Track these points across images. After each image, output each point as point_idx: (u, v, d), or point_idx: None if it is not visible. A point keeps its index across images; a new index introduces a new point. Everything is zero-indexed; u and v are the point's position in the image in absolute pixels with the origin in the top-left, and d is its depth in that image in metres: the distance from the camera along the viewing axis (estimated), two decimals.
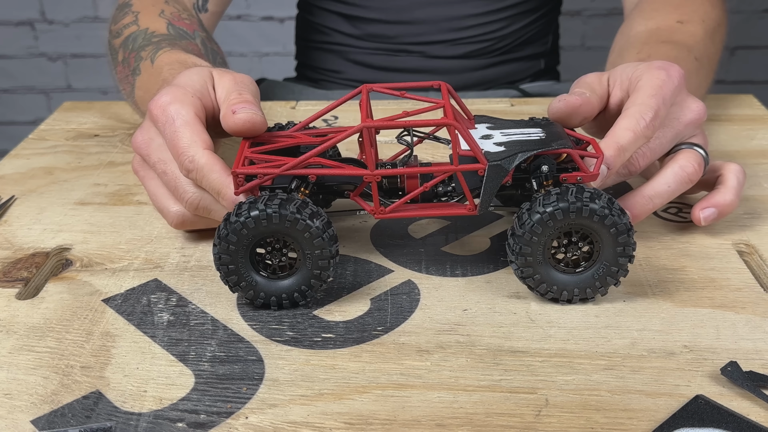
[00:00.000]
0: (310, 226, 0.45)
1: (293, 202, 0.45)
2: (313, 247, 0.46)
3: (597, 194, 0.45)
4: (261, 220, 0.45)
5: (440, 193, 0.50)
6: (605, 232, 0.46)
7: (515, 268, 0.47)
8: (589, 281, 0.47)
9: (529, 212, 0.46)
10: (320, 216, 0.46)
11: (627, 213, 0.46)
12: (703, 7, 0.74)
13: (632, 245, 0.46)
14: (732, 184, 0.54)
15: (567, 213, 0.45)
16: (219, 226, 0.46)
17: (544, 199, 0.46)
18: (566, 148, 0.48)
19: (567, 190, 0.46)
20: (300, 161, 0.47)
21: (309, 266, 0.47)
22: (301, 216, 0.45)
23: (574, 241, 0.47)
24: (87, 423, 0.40)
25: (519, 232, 0.46)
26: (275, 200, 0.45)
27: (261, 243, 0.47)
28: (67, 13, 1.88)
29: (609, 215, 0.45)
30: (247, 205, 0.45)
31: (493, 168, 0.47)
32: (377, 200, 0.48)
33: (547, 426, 0.39)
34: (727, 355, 0.44)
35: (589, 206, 0.45)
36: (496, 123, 0.53)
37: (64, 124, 0.79)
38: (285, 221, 0.45)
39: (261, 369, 0.43)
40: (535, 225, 0.45)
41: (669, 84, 0.52)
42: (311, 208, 0.46)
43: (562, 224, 0.46)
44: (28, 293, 0.51)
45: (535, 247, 0.46)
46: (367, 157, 0.47)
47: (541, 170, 0.49)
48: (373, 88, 0.51)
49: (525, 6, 0.96)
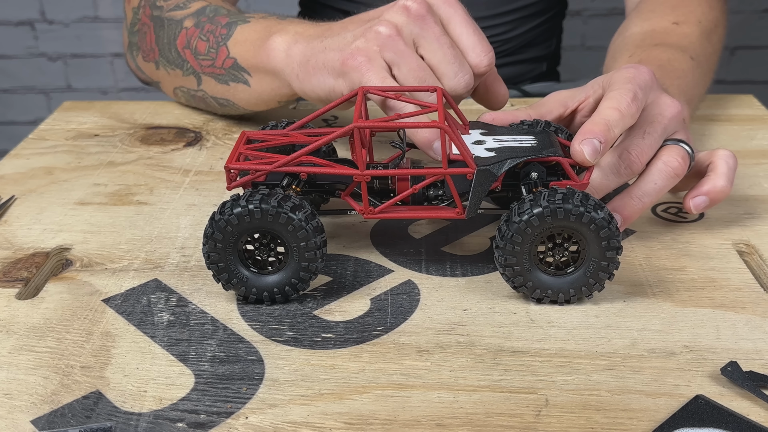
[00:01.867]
0: (292, 218, 0.46)
1: (274, 196, 0.46)
2: (297, 240, 0.46)
3: (570, 194, 0.45)
4: (244, 216, 0.45)
5: (431, 196, 0.50)
6: (586, 230, 0.46)
7: (506, 279, 0.48)
8: (582, 280, 0.47)
9: (507, 223, 0.46)
10: (303, 208, 0.46)
11: (605, 207, 0.45)
12: (701, 8, 0.74)
13: (616, 237, 0.46)
14: (722, 170, 0.54)
15: (543, 217, 0.45)
16: (206, 225, 0.47)
17: (519, 208, 0.46)
18: (556, 155, 0.49)
19: (540, 194, 0.46)
20: (291, 159, 0.48)
21: (297, 259, 0.47)
22: (282, 209, 0.45)
23: (559, 243, 0.47)
24: (87, 423, 0.40)
25: (501, 244, 0.46)
26: (256, 196, 0.46)
27: (249, 239, 0.47)
28: (67, 13, 1.88)
29: (585, 213, 0.45)
30: (230, 202, 0.46)
31: (481, 173, 0.47)
32: (366, 200, 0.49)
33: (547, 426, 0.39)
34: (727, 355, 0.44)
35: (563, 207, 0.45)
36: (490, 129, 0.53)
37: (64, 124, 0.79)
38: (267, 215, 0.45)
39: (261, 369, 0.43)
40: (514, 235, 0.46)
41: (639, 76, 0.53)
42: (293, 201, 0.46)
43: (542, 229, 0.46)
44: (28, 293, 0.51)
45: (520, 256, 0.46)
46: (358, 157, 0.48)
47: (530, 177, 0.49)
48: (369, 91, 0.51)
49: (532, 9, 0.96)
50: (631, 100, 0.50)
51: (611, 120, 0.49)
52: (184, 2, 0.72)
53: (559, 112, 0.57)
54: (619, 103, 0.50)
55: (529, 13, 0.96)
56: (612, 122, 0.49)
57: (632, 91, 0.51)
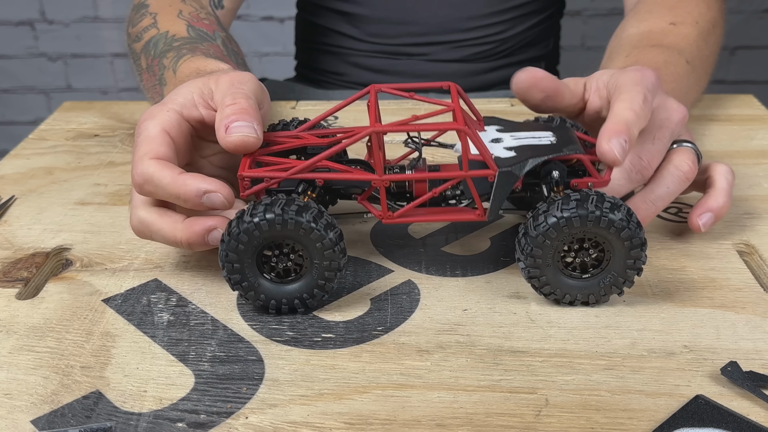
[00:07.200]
0: (324, 236, 0.45)
1: (310, 210, 0.45)
2: (322, 258, 0.46)
3: (617, 205, 0.45)
4: (276, 224, 0.44)
5: (448, 196, 0.49)
6: (619, 244, 0.45)
7: (522, 267, 0.47)
8: (594, 288, 0.47)
9: (545, 215, 0.45)
10: (334, 228, 0.45)
11: (622, 204, 0.45)
12: (698, 9, 0.74)
13: (643, 259, 0.46)
14: (722, 186, 0.55)
15: (585, 221, 0.44)
16: (230, 222, 0.45)
17: (563, 204, 0.45)
18: (577, 153, 0.48)
19: (587, 197, 0.45)
20: (308, 165, 0.47)
21: (315, 275, 0.46)
22: (317, 226, 0.44)
23: (585, 247, 0.46)
24: (87, 423, 0.40)
25: (532, 233, 0.45)
26: (292, 206, 0.45)
27: (270, 246, 0.46)
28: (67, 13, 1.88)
29: (626, 228, 0.44)
30: (263, 207, 0.45)
31: (503, 174, 0.46)
32: (385, 205, 0.48)
33: (547, 426, 0.39)
34: (727, 355, 0.44)
35: (609, 216, 0.44)
36: (506, 125, 0.52)
37: (64, 124, 0.79)
38: (300, 228, 0.44)
39: (261, 369, 0.43)
40: (550, 229, 0.45)
41: (646, 80, 0.53)
42: (326, 218, 0.45)
43: (578, 231, 0.45)
44: (28, 293, 0.51)
45: (547, 249, 0.46)
46: (376, 161, 0.47)
47: (551, 176, 0.48)
48: (381, 89, 0.50)
49: (529, 7, 0.96)
50: (643, 102, 0.50)
51: (630, 120, 0.49)
52: (140, 33, 0.72)
53: (581, 95, 0.56)
54: (633, 104, 0.50)
55: (527, 12, 0.96)
56: (630, 123, 0.49)
57: (642, 94, 0.51)
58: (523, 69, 0.54)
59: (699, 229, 0.54)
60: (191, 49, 0.66)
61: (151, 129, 0.50)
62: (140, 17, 0.73)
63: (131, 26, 0.74)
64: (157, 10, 0.73)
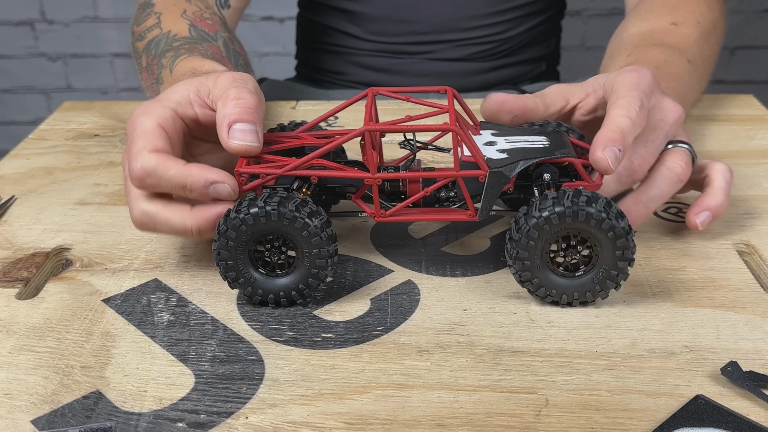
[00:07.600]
0: (308, 224, 0.45)
1: (293, 200, 0.46)
2: (311, 246, 0.46)
3: (594, 198, 0.45)
4: (260, 217, 0.45)
5: (442, 198, 0.50)
6: (603, 236, 0.45)
7: (514, 272, 0.47)
8: (589, 285, 0.47)
9: (525, 217, 0.46)
10: (319, 215, 0.46)
11: (625, 216, 0.45)
12: (699, 9, 0.74)
13: (632, 249, 0.46)
14: (720, 185, 0.54)
15: (563, 217, 0.45)
16: (219, 221, 0.46)
17: (541, 204, 0.45)
18: (569, 156, 0.48)
19: (564, 194, 0.45)
20: (302, 162, 0.48)
21: (307, 265, 0.47)
22: (300, 214, 0.45)
23: (572, 245, 0.47)
24: (87, 423, 0.40)
25: (516, 237, 0.46)
26: (275, 198, 0.45)
27: (261, 240, 0.47)
28: (67, 13, 1.88)
29: (606, 219, 0.45)
30: (247, 202, 0.46)
31: (494, 175, 0.47)
32: (378, 203, 0.48)
33: (547, 426, 0.39)
34: (727, 355, 0.44)
35: (585, 210, 0.44)
36: (502, 130, 0.53)
37: (64, 124, 0.79)
38: (284, 219, 0.45)
39: (261, 369, 0.43)
40: (531, 230, 0.45)
41: (643, 81, 0.53)
42: (310, 206, 0.46)
43: (559, 228, 0.45)
44: (28, 293, 0.51)
45: (533, 251, 0.46)
46: (369, 160, 0.47)
47: (542, 178, 0.49)
48: (379, 92, 0.51)
49: (531, 8, 0.96)
50: (639, 108, 0.50)
51: (625, 128, 0.49)
52: (144, 32, 0.72)
53: (561, 104, 0.57)
54: (629, 111, 0.50)
55: (528, 12, 0.96)
56: (626, 130, 0.49)
57: (639, 99, 0.51)
58: (489, 96, 0.56)
59: (697, 227, 0.54)
60: (190, 49, 0.66)
61: (147, 123, 0.49)
62: (145, 16, 0.73)
63: (136, 25, 0.74)
64: (162, 9, 0.73)
